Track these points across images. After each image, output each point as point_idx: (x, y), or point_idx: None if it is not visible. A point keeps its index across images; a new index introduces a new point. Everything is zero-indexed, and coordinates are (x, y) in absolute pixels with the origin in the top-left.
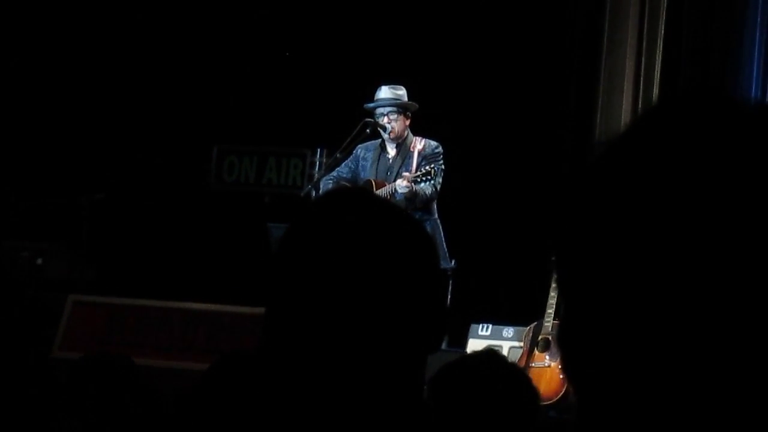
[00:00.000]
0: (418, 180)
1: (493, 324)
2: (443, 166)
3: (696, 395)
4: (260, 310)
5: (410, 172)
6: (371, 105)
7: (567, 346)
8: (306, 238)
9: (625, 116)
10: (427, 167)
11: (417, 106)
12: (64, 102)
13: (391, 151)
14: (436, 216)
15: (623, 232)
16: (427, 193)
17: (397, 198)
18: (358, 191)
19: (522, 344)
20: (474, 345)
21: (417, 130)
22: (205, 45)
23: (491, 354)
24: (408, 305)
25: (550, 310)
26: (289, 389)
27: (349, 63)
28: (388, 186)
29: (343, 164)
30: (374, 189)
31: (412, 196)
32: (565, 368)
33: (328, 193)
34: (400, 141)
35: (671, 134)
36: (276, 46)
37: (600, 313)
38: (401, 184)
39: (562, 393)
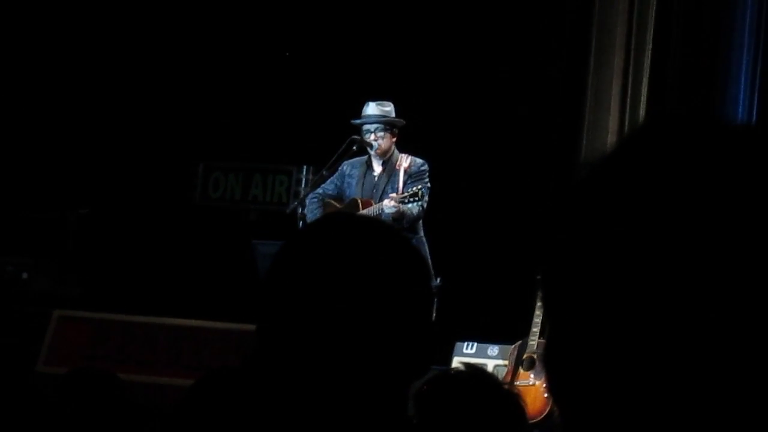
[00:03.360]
0: (406, 201)
1: (477, 342)
2: (429, 185)
3: (683, 419)
4: (245, 326)
5: (397, 191)
6: (358, 121)
7: (552, 366)
8: (299, 259)
9: (611, 136)
10: (414, 188)
11: (404, 122)
12: (49, 117)
13: (377, 168)
14: (422, 234)
15: (609, 252)
16: (414, 212)
17: (384, 218)
18: (355, 217)
19: (507, 363)
20: (458, 363)
21: (404, 146)
22: (191, 61)
23: (477, 370)
24: (398, 327)
25: (535, 329)
26: (276, 404)
27: (336, 79)
28: (374, 206)
29: (328, 181)
30: (360, 208)
31: (399, 216)
32: (551, 388)
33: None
34: (386, 158)
35: (658, 155)
36: (262, 63)
37: (586, 333)
38: (388, 205)
39: (546, 412)
